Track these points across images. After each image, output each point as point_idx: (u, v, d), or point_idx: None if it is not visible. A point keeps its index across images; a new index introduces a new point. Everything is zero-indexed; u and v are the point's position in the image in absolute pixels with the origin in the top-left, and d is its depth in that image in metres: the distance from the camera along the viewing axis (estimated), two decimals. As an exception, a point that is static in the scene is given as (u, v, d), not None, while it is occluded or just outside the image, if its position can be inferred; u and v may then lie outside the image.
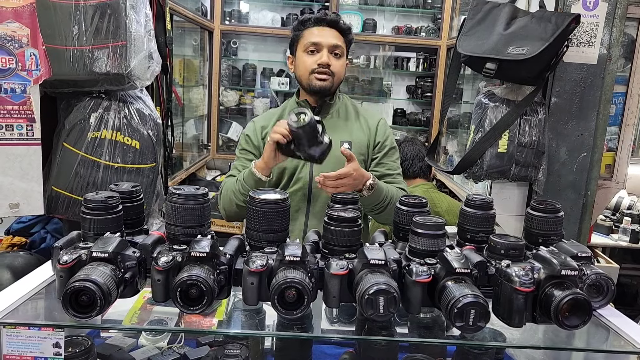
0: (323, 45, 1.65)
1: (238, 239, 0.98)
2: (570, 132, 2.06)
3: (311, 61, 1.65)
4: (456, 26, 3.79)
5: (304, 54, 1.68)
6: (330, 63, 1.65)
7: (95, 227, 0.95)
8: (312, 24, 1.68)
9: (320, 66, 1.64)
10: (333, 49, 1.66)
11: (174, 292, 0.81)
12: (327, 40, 1.65)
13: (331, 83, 1.67)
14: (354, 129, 1.74)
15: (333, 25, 1.67)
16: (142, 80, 1.67)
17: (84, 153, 1.64)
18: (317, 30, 1.67)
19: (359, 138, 1.72)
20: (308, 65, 1.66)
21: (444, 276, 0.85)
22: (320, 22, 1.67)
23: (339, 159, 1.59)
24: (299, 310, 0.82)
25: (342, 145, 1.68)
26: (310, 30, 1.68)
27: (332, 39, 1.66)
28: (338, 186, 1.44)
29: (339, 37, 1.68)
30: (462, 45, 1.99)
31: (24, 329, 0.79)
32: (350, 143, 1.70)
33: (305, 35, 1.68)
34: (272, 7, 4.12)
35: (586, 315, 0.79)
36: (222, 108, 3.99)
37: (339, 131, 1.71)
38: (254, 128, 1.75)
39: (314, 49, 1.66)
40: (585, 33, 1.98)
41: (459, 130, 3.65)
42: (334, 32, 1.67)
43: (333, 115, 1.74)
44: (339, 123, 1.74)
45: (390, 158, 1.76)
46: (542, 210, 1.04)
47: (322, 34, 1.66)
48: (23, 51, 1.37)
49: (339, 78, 1.70)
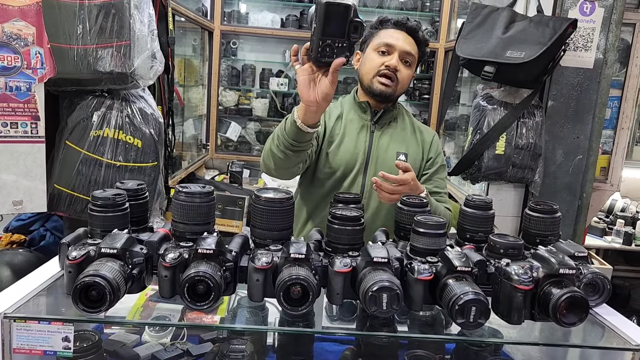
0: (396, 49, 1.57)
1: (242, 236, 1.00)
2: (566, 135, 2.09)
3: (379, 61, 1.58)
4: (454, 29, 3.82)
5: (374, 52, 1.60)
6: (399, 69, 1.57)
7: (102, 224, 0.96)
8: (390, 26, 1.61)
9: (387, 68, 1.56)
10: (405, 56, 1.58)
11: (182, 288, 0.83)
12: (402, 45, 1.58)
13: (393, 90, 1.59)
14: (411, 141, 1.68)
15: (412, 32, 1.61)
16: (145, 80, 1.68)
17: (87, 151, 1.66)
18: (395, 32, 1.60)
19: (414, 151, 1.67)
20: (375, 65, 1.58)
21: (445, 274, 0.87)
22: (399, 26, 1.60)
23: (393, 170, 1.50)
24: (304, 307, 0.84)
25: (398, 156, 1.63)
26: (387, 31, 1.60)
27: (407, 45, 1.59)
28: (394, 192, 1.38)
29: (414, 45, 1.60)
30: (461, 49, 2.02)
31: (34, 323, 0.80)
32: (406, 155, 1.65)
33: (380, 34, 1.61)
34: (272, 8, 4.14)
35: (583, 312, 0.82)
36: (221, 108, 4.01)
37: (397, 142, 1.66)
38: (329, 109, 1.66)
39: (385, 50, 1.58)
40: (581, 38, 2.02)
41: (456, 132, 3.68)
42: (410, 40, 1.60)
43: (392, 124, 1.68)
44: (397, 133, 1.67)
45: (439, 175, 1.70)
46: (539, 211, 1.07)
47: (399, 38, 1.59)
48: (28, 49, 1.38)
49: (402, 87, 1.62)
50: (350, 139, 1.62)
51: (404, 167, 1.39)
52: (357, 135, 1.63)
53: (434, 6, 4.08)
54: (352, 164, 1.61)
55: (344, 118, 1.66)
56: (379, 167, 1.61)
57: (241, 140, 4.14)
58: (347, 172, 1.61)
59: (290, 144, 1.33)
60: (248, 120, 4.22)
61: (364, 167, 1.62)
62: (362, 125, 1.65)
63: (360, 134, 1.64)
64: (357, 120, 1.66)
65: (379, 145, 1.64)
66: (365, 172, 1.61)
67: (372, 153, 1.62)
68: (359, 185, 1.61)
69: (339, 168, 1.60)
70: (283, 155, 1.36)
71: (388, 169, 1.56)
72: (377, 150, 1.63)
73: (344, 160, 1.60)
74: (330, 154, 1.61)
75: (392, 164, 1.58)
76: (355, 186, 1.61)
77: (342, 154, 1.60)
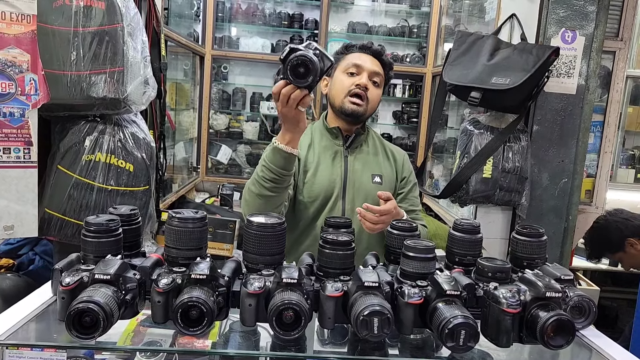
0: (364, 69, 1.63)
1: (235, 261, 1.01)
2: (551, 159, 2.14)
3: (349, 82, 1.62)
4: (441, 54, 3.91)
5: (343, 74, 1.65)
6: (369, 88, 1.62)
7: (95, 249, 0.96)
8: (356, 50, 1.67)
9: (358, 87, 1.60)
10: (373, 76, 1.64)
11: (175, 314, 0.84)
12: (369, 66, 1.63)
13: (364, 110, 1.63)
14: (384, 163, 1.73)
15: (376, 55, 1.67)
16: (138, 105, 1.70)
17: (78, 175, 1.66)
18: (362, 56, 1.65)
19: (387, 172, 1.71)
20: (345, 86, 1.62)
21: (435, 298, 0.89)
22: (364, 50, 1.66)
23: (370, 194, 1.61)
24: (296, 331, 0.85)
25: (373, 178, 1.68)
26: (355, 54, 1.66)
27: (375, 66, 1.64)
28: (378, 222, 1.42)
29: (380, 67, 1.66)
30: (447, 75, 2.07)
31: (26, 349, 0.80)
32: (381, 177, 1.69)
33: (347, 57, 1.66)
34: (263, 33, 4.21)
35: (570, 335, 0.83)
36: (212, 131, 4.03)
37: (370, 165, 1.70)
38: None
39: (354, 71, 1.63)
40: (564, 65, 2.08)
41: (444, 155, 3.73)
42: (376, 62, 1.66)
43: (363, 147, 1.72)
44: (370, 157, 1.72)
45: (413, 194, 1.75)
46: (526, 235, 1.09)
47: (366, 60, 1.64)
48: (23, 76, 1.40)
49: (372, 107, 1.66)
50: (325, 166, 1.66)
51: (386, 197, 1.44)
52: (332, 162, 1.67)
53: (421, 32, 4.18)
54: (330, 191, 1.64)
55: (316, 145, 1.69)
56: (357, 191, 1.66)
57: (232, 163, 4.16)
58: (327, 198, 1.63)
59: (278, 174, 1.36)
60: (238, 143, 4.24)
61: (342, 192, 1.65)
62: (335, 151, 1.68)
63: (335, 160, 1.67)
64: (330, 147, 1.69)
65: (354, 170, 1.67)
66: (344, 197, 1.65)
67: (349, 178, 1.66)
68: (339, 210, 1.64)
69: (319, 196, 1.63)
70: (269, 194, 1.39)
71: (365, 192, 1.65)
72: (353, 175, 1.67)
73: (323, 187, 1.63)
74: (308, 183, 1.64)
75: (369, 188, 1.65)
76: (336, 211, 1.64)
77: (320, 182, 1.64)
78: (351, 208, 1.64)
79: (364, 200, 1.62)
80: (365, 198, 1.63)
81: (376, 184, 1.68)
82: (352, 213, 1.62)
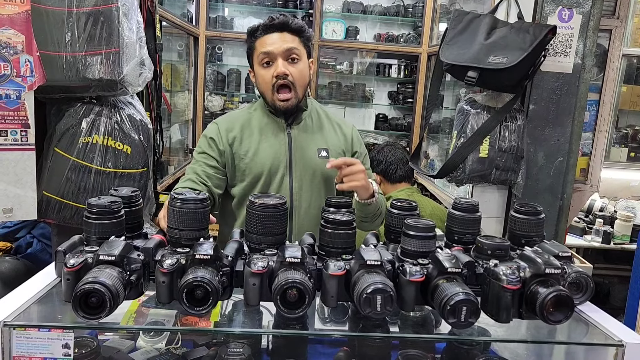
0: (275, 54, 1.54)
1: (237, 242, 1.02)
2: (547, 138, 2.15)
3: (268, 75, 1.55)
4: (436, 34, 3.89)
5: (260, 67, 1.58)
6: (288, 72, 1.53)
7: (98, 231, 0.97)
8: (261, 33, 1.57)
9: (278, 77, 1.54)
10: (287, 55, 1.55)
11: (180, 294, 0.85)
12: (279, 47, 1.54)
13: (295, 98, 1.57)
14: (330, 136, 1.68)
15: (283, 28, 1.56)
16: (134, 87, 1.69)
17: (76, 158, 1.65)
18: (268, 38, 1.56)
19: (335, 145, 1.67)
20: (267, 80, 1.56)
21: (436, 275, 0.91)
22: (269, 29, 1.56)
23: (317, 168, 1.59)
24: (300, 309, 0.86)
25: (319, 152, 1.63)
26: (262, 39, 1.57)
27: (284, 44, 1.54)
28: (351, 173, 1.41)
29: (292, 39, 1.56)
30: (444, 54, 2.06)
31: (33, 330, 0.81)
32: (328, 150, 1.65)
33: (257, 46, 1.58)
34: (257, 13, 4.16)
35: (569, 310, 0.85)
36: (207, 113, 4.01)
37: (315, 139, 1.65)
38: (218, 131, 1.63)
39: (268, 60, 1.56)
40: (561, 43, 2.08)
41: (439, 135, 3.74)
42: (285, 36, 1.56)
43: (307, 122, 1.66)
44: (314, 130, 1.67)
45: (366, 165, 1.71)
46: (524, 213, 1.10)
47: (273, 41, 1.55)
48: (18, 57, 1.38)
49: (301, 85, 1.58)
50: (268, 144, 1.61)
51: (337, 164, 1.42)
52: (274, 139, 1.62)
53: (416, 11, 4.15)
54: (275, 167, 1.59)
55: (257, 124, 1.64)
56: (303, 166, 1.62)
57: (227, 144, 4.14)
58: (271, 176, 1.60)
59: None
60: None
61: (288, 169, 1.61)
62: (277, 127, 1.64)
63: (278, 136, 1.62)
64: (271, 124, 1.64)
65: (298, 145, 1.62)
66: (291, 174, 1.60)
67: (294, 154, 1.61)
68: (286, 187, 1.60)
69: (262, 173, 1.59)
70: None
71: (313, 167, 1.61)
72: (298, 150, 1.62)
73: (266, 164, 1.59)
74: (249, 164, 1.60)
75: (316, 162, 1.62)
76: (283, 188, 1.60)
77: (262, 159, 1.59)
78: (299, 185, 1.61)
79: (312, 176, 1.61)
80: (313, 173, 1.61)
81: (322, 159, 1.62)
82: (301, 191, 1.61)
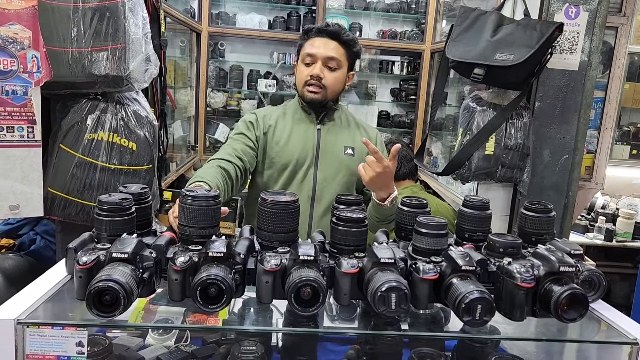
0: (317, 57, 1.68)
1: (248, 239, 1.01)
2: (553, 135, 2.15)
3: (306, 73, 1.70)
4: (439, 31, 3.87)
5: (302, 64, 1.72)
6: (322, 76, 1.67)
7: (109, 228, 0.96)
8: (314, 34, 1.71)
9: (312, 78, 1.67)
10: (327, 62, 1.68)
11: (194, 291, 0.84)
12: (323, 52, 1.68)
13: (323, 96, 1.70)
14: (356, 137, 1.79)
15: (334, 36, 1.69)
16: (140, 83, 1.68)
17: (81, 155, 1.64)
18: (317, 41, 1.69)
19: (359, 146, 1.76)
20: (303, 76, 1.70)
21: (450, 273, 0.90)
22: (321, 33, 1.70)
23: (343, 164, 1.69)
24: (314, 307, 0.86)
25: (345, 150, 1.74)
26: (311, 40, 1.71)
27: (329, 51, 1.68)
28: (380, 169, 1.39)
29: (338, 49, 1.69)
30: (451, 51, 2.05)
31: (47, 328, 0.80)
32: (353, 149, 1.75)
33: (305, 45, 1.72)
34: (260, 10, 4.15)
35: (583, 308, 0.85)
36: (209, 109, 4.00)
37: (343, 137, 1.77)
38: (256, 118, 1.77)
39: (309, 61, 1.70)
40: (567, 41, 2.07)
41: (443, 132, 3.73)
42: (333, 44, 1.69)
43: (336, 121, 1.79)
44: (342, 130, 1.79)
45: None
46: (535, 211, 1.10)
47: (320, 46, 1.68)
48: (25, 53, 1.37)
49: (332, 91, 1.71)
50: (298, 136, 1.73)
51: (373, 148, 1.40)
52: (304, 132, 1.74)
53: (419, 8, 4.13)
54: (303, 159, 1.71)
55: (290, 118, 1.77)
56: (329, 161, 1.73)
57: (229, 141, 4.13)
58: (299, 167, 1.71)
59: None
60: (236, 121, 4.20)
61: (314, 161, 1.72)
62: (309, 122, 1.76)
63: (308, 130, 1.75)
64: (303, 119, 1.77)
65: (327, 140, 1.74)
66: (317, 166, 1.72)
67: (321, 148, 1.73)
68: (310, 180, 1.71)
69: (289, 163, 1.70)
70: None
71: (338, 162, 1.72)
72: (326, 145, 1.73)
73: (294, 155, 1.71)
74: (280, 152, 1.71)
75: (341, 158, 1.73)
76: (307, 181, 1.71)
77: (291, 150, 1.71)
78: (324, 177, 1.71)
79: (336, 170, 1.71)
80: (338, 168, 1.72)
81: (348, 155, 1.74)
82: (324, 182, 1.71)
